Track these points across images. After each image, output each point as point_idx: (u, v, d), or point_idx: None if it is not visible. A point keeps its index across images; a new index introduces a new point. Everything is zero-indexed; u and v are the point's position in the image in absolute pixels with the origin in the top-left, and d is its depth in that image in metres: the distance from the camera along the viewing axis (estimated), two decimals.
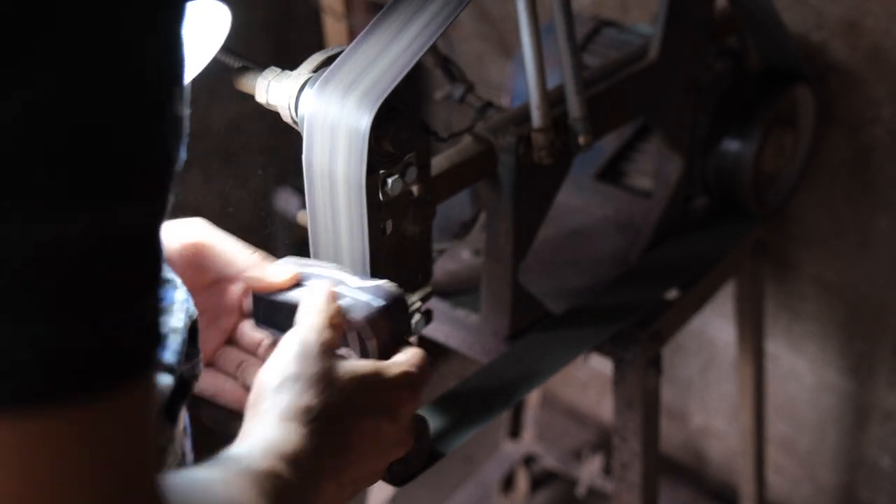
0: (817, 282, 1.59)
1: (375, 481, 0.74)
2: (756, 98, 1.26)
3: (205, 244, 0.75)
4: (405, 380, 0.71)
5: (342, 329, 0.71)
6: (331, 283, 0.74)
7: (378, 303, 0.74)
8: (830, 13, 1.39)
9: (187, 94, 0.45)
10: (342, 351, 0.73)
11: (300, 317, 0.70)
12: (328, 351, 0.69)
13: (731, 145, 1.25)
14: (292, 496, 0.61)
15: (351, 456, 0.68)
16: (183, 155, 0.44)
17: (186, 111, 0.45)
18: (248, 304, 0.80)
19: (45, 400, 0.38)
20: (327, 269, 0.77)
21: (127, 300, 0.40)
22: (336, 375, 0.68)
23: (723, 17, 1.27)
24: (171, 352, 0.61)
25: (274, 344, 0.78)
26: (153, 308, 0.41)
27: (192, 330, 0.65)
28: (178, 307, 0.63)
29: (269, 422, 0.64)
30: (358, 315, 0.73)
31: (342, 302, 0.73)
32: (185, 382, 0.63)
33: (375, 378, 0.70)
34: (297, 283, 0.76)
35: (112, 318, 0.39)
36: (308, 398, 0.65)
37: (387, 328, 0.74)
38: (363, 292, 0.74)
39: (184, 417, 0.68)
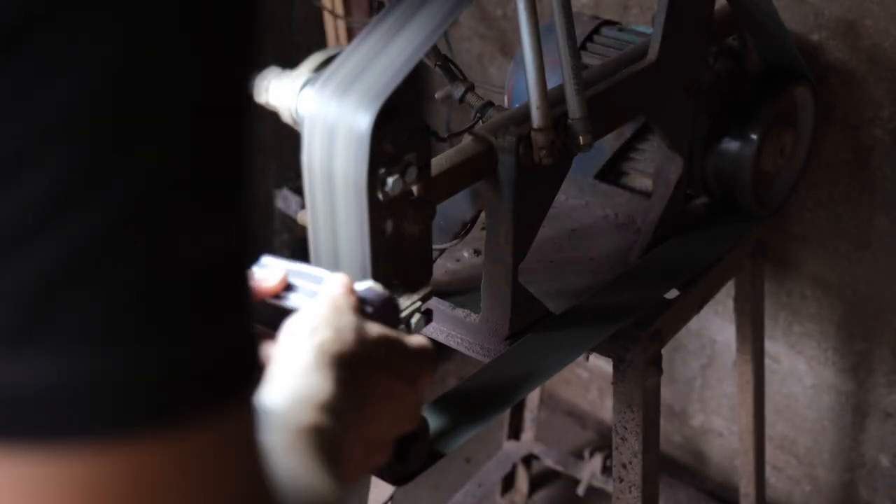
0: (817, 282, 1.59)
1: (385, 454, 0.74)
2: (756, 98, 1.26)
3: None
4: (425, 351, 0.73)
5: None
6: (346, 279, 0.76)
7: (377, 295, 0.76)
8: (830, 13, 1.39)
9: None
10: None
11: (323, 295, 0.72)
12: (355, 310, 0.71)
13: (731, 145, 1.25)
14: (334, 446, 0.62)
15: (370, 411, 0.69)
16: None
17: None
18: None
19: (170, 421, 0.37)
20: (313, 269, 0.78)
21: (233, 317, 0.39)
22: (366, 329, 0.70)
23: (723, 17, 1.27)
24: None
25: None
26: (251, 320, 0.41)
27: None
28: None
29: (302, 366, 0.65)
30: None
31: None
32: None
33: (400, 342, 0.72)
34: (287, 287, 0.77)
35: (223, 336, 0.38)
36: (341, 345, 0.67)
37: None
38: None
39: None
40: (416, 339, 0.73)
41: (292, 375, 0.65)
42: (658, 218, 1.23)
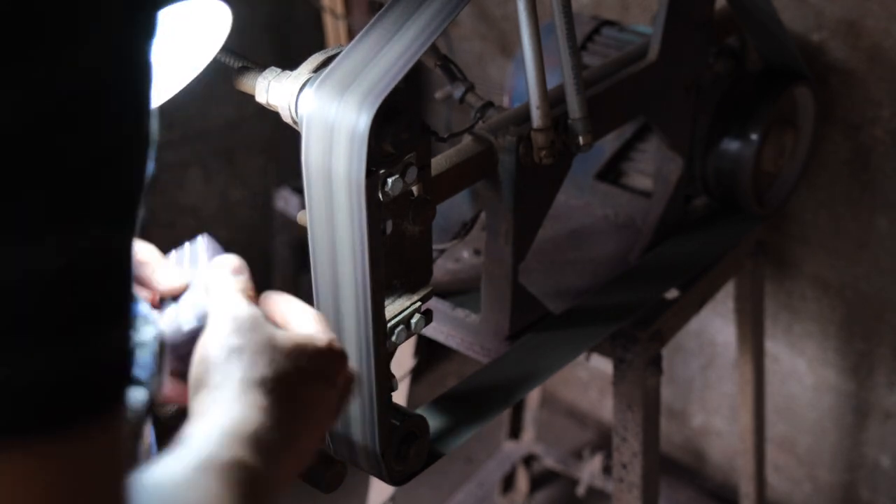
0: (817, 282, 1.59)
1: (314, 456, 0.72)
2: (756, 98, 1.26)
3: None
4: (332, 347, 0.69)
5: (255, 299, 0.69)
6: (235, 262, 0.69)
7: (190, 325, 0.68)
8: (830, 13, 1.39)
9: (155, 108, 0.44)
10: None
11: (216, 297, 0.67)
12: (261, 320, 0.66)
13: (731, 145, 1.25)
14: (258, 482, 0.59)
15: (303, 426, 0.66)
16: (151, 168, 0.44)
17: (155, 125, 0.44)
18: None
19: (14, 435, 0.36)
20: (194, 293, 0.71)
21: (100, 329, 0.39)
22: (279, 343, 0.66)
23: (723, 17, 1.27)
24: (140, 367, 0.59)
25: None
26: (126, 335, 0.40)
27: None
28: (142, 320, 0.61)
29: (223, 399, 0.62)
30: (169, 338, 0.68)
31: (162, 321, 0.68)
32: (150, 398, 0.62)
33: (311, 345, 0.68)
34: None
35: (85, 349, 0.38)
36: (260, 369, 0.63)
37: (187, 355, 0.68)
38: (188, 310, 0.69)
39: (149, 434, 0.67)
40: (321, 337, 0.69)
41: (215, 409, 0.61)
42: (658, 218, 1.23)
